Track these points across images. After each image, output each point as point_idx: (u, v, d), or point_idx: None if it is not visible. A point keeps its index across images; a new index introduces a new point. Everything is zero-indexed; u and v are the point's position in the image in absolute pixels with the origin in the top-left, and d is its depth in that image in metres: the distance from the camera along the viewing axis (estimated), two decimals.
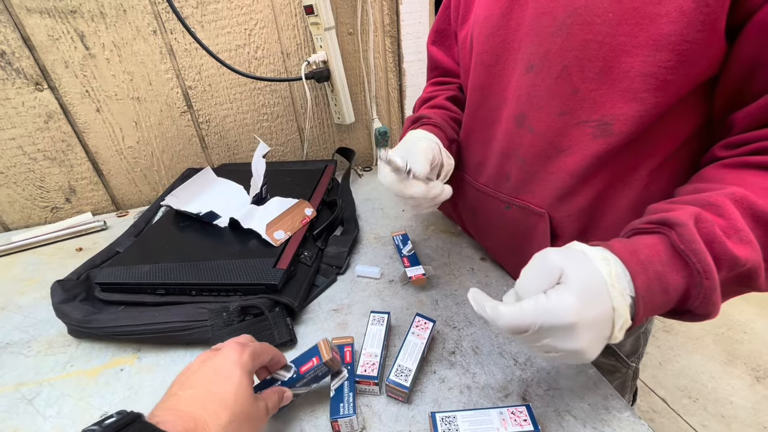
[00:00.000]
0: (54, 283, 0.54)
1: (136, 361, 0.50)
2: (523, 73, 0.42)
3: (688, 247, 0.31)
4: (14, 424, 0.43)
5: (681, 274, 0.31)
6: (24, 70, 0.70)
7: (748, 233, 0.31)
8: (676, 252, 0.31)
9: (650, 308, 0.31)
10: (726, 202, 0.32)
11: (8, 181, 0.78)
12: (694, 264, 0.31)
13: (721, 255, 0.31)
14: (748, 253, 0.31)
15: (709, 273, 0.30)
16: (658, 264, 0.31)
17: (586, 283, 0.30)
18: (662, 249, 0.32)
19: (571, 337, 0.29)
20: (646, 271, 0.31)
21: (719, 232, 0.31)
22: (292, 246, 0.58)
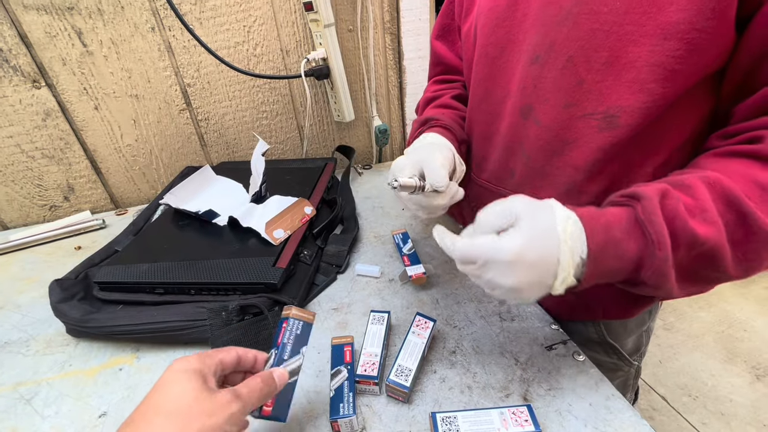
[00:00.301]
0: (52, 282, 0.54)
1: (135, 360, 0.49)
2: (528, 64, 0.42)
3: (647, 218, 0.32)
4: (12, 424, 0.43)
5: (637, 244, 0.33)
6: (21, 68, 0.69)
7: (713, 214, 0.32)
8: (637, 223, 0.33)
9: (601, 271, 0.33)
10: (698, 184, 0.33)
11: (6, 179, 0.77)
12: (650, 234, 0.32)
13: (680, 231, 0.32)
14: (710, 233, 0.32)
15: (662, 244, 0.32)
16: (617, 231, 0.33)
17: (539, 231, 0.33)
18: (625, 218, 0.33)
19: (509, 274, 0.32)
20: (603, 234, 0.33)
21: (682, 209, 0.32)
22: (292, 245, 0.57)
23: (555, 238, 0.32)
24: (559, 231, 0.32)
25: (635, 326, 0.54)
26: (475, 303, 0.53)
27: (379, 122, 0.92)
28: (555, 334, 0.48)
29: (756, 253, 0.33)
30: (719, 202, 0.32)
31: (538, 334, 0.48)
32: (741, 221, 0.32)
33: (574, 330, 0.51)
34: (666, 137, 0.39)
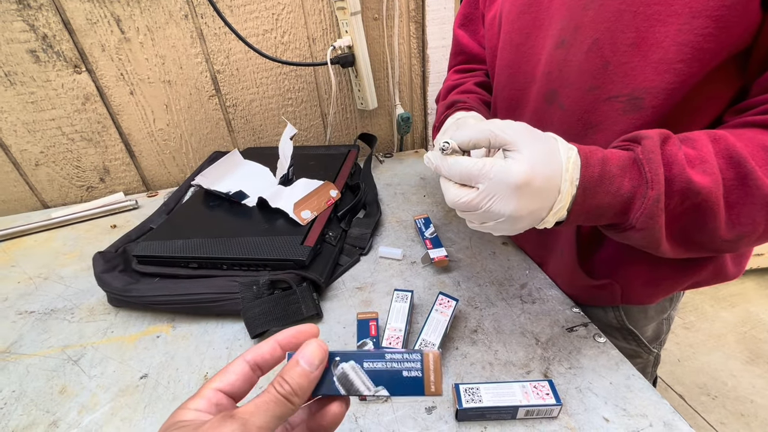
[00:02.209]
0: (95, 254, 0.57)
1: (171, 329, 0.52)
2: (554, 49, 0.42)
3: (645, 157, 0.33)
4: (62, 382, 0.46)
5: (631, 182, 0.33)
6: (64, 53, 0.73)
7: (713, 166, 0.32)
8: (634, 162, 0.33)
9: (591, 205, 0.33)
10: (702, 137, 0.34)
11: (48, 160, 0.81)
12: (645, 173, 0.32)
13: (676, 176, 0.32)
14: (706, 183, 0.32)
15: (655, 183, 0.32)
16: (614, 167, 0.33)
17: (545, 156, 0.32)
18: (624, 156, 0.34)
19: (513, 200, 0.32)
20: (599, 166, 0.33)
21: (682, 156, 0.32)
22: (318, 225, 0.59)
23: (559, 165, 0.32)
24: (563, 158, 0.33)
25: (655, 313, 0.54)
26: (496, 286, 0.54)
27: (401, 110, 0.93)
28: (576, 317, 0.49)
29: (750, 217, 0.33)
30: (721, 157, 0.33)
31: (558, 316, 0.49)
32: (740, 180, 0.32)
33: (594, 315, 0.51)
34: (691, 120, 0.39)
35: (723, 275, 0.45)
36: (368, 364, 0.24)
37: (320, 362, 0.24)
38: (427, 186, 0.81)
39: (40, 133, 0.79)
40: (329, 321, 0.51)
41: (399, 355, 0.24)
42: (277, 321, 0.48)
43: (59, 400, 0.44)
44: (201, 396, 0.23)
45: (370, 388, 0.24)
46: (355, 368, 0.24)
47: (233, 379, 0.24)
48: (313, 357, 0.24)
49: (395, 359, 0.24)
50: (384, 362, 0.24)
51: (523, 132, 0.33)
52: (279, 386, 0.23)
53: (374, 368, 0.24)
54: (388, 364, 0.24)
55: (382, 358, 0.24)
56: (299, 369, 0.23)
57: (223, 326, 0.52)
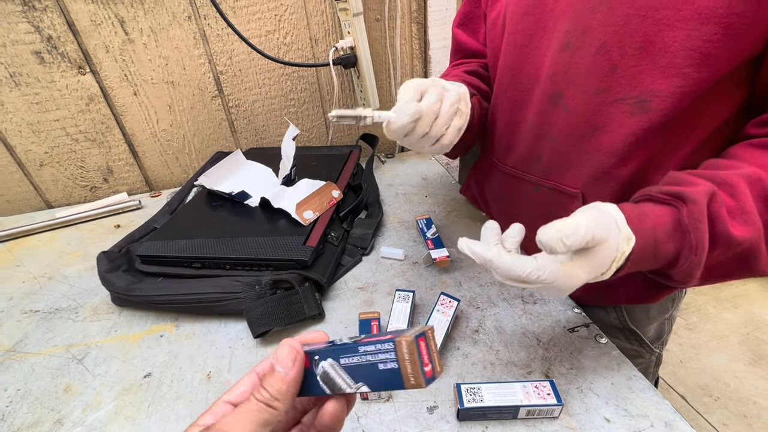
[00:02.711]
0: (100, 254, 0.57)
1: (175, 329, 0.53)
2: (559, 51, 0.42)
3: (692, 225, 0.33)
4: (67, 381, 0.47)
5: (676, 246, 0.34)
6: (68, 54, 0.73)
7: (754, 216, 0.33)
8: (680, 226, 0.34)
9: (636, 268, 0.35)
10: (740, 183, 0.34)
11: (52, 160, 0.82)
12: (691, 240, 0.33)
13: (719, 234, 0.33)
14: (748, 234, 0.33)
15: (700, 250, 0.33)
16: (661, 233, 0.34)
17: (603, 260, 0.32)
18: (669, 221, 0.34)
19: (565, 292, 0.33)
20: (648, 238, 0.33)
21: (725, 212, 0.33)
22: (320, 226, 0.60)
23: (611, 259, 0.33)
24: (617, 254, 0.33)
25: (657, 313, 0.54)
26: (497, 286, 0.55)
27: None
28: (577, 318, 0.49)
29: None
30: (759, 201, 0.33)
31: (560, 317, 0.49)
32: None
33: (596, 316, 0.52)
34: (698, 123, 0.39)
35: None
36: (344, 360, 0.22)
37: (294, 362, 0.23)
38: (429, 186, 0.81)
39: (45, 134, 0.79)
40: (331, 321, 0.52)
41: (372, 347, 0.22)
42: (279, 321, 0.49)
43: (64, 398, 0.44)
44: (210, 411, 0.24)
45: (351, 385, 0.22)
46: (333, 365, 0.23)
47: (243, 390, 0.24)
48: (285, 359, 0.23)
49: (369, 351, 0.22)
50: (359, 356, 0.22)
51: (599, 232, 0.32)
52: (258, 393, 0.22)
53: (351, 363, 0.22)
54: (363, 357, 0.22)
55: (356, 352, 0.22)
56: (276, 374, 0.23)
57: (225, 326, 0.52)
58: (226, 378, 0.45)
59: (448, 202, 0.75)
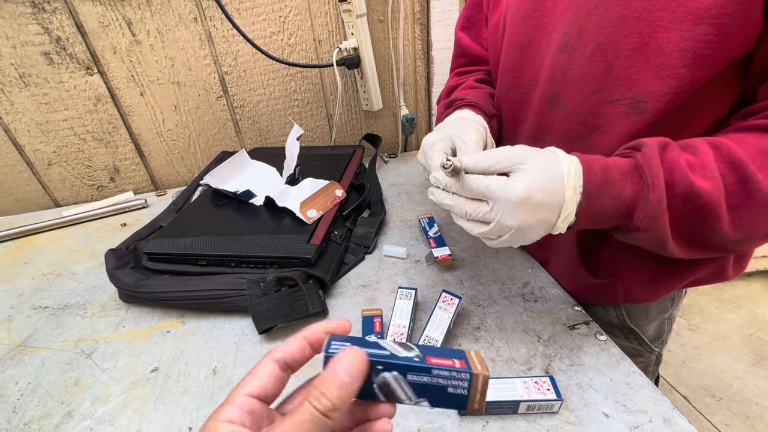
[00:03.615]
0: (107, 252, 0.59)
1: (181, 325, 0.54)
2: (557, 52, 0.43)
3: (645, 162, 0.34)
4: (76, 375, 0.48)
5: (632, 186, 0.35)
6: (77, 56, 0.75)
7: (714, 171, 0.34)
8: (635, 168, 0.35)
9: (596, 210, 0.35)
10: (702, 144, 0.35)
11: (60, 160, 0.83)
12: (646, 177, 0.34)
13: (678, 180, 0.34)
14: (707, 186, 0.33)
15: (656, 186, 0.34)
16: (616, 172, 0.35)
17: (544, 173, 0.35)
18: (625, 163, 0.36)
19: (517, 214, 0.34)
20: (601, 174, 0.35)
21: (683, 161, 0.34)
22: (324, 224, 0.60)
23: (560, 177, 0.35)
24: (564, 171, 0.35)
25: (657, 312, 0.54)
26: (499, 284, 0.55)
27: (406, 111, 0.94)
28: (578, 315, 0.49)
29: (752, 219, 0.34)
30: (721, 162, 0.34)
31: (560, 314, 0.50)
32: (741, 184, 0.33)
33: (595, 314, 0.52)
34: (692, 123, 0.40)
35: (723, 275, 0.46)
36: (412, 377, 0.23)
37: (361, 374, 0.21)
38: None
39: (53, 134, 0.80)
40: (334, 317, 0.52)
41: (447, 372, 0.23)
42: (283, 317, 0.50)
43: (73, 391, 0.46)
44: (232, 404, 0.22)
45: (412, 398, 0.23)
46: (398, 379, 0.23)
47: (264, 382, 0.23)
48: (354, 368, 0.21)
49: (442, 375, 0.23)
50: (430, 377, 0.23)
51: (522, 153, 0.36)
52: (317, 401, 0.20)
53: (419, 381, 0.23)
54: (434, 379, 0.23)
55: (428, 373, 0.23)
56: (338, 381, 0.20)
57: (230, 322, 0.53)
58: (231, 373, 0.46)
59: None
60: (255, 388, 0.22)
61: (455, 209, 0.39)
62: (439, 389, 0.23)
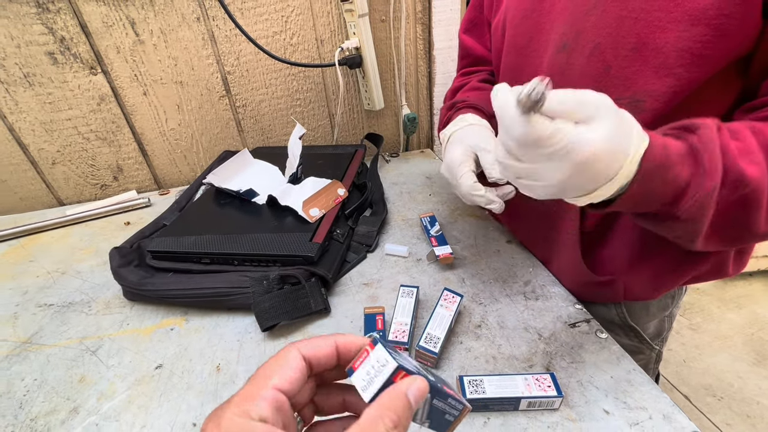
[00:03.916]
0: (112, 250, 0.59)
1: (185, 323, 0.54)
2: (556, 52, 0.43)
3: (703, 146, 0.31)
4: (81, 372, 0.48)
5: (689, 171, 0.31)
6: (81, 55, 0.75)
7: (759, 157, 0.32)
8: (692, 151, 0.32)
9: (644, 192, 0.31)
10: (743, 129, 0.33)
11: (64, 159, 0.84)
12: (704, 163, 0.31)
13: (729, 167, 0.31)
14: (756, 173, 0.31)
15: (713, 174, 0.31)
16: (674, 154, 0.31)
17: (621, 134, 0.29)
18: (681, 145, 0.32)
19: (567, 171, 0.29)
20: (662, 151, 0.30)
21: (734, 147, 0.32)
22: (326, 223, 0.61)
23: (627, 146, 0.29)
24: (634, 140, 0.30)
25: (657, 310, 0.55)
26: (500, 283, 0.56)
27: (407, 111, 0.94)
28: (578, 313, 0.50)
29: None
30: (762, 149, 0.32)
31: (561, 312, 0.50)
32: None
33: (596, 312, 0.52)
34: None
35: (723, 271, 0.46)
36: (437, 401, 0.23)
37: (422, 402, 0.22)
38: (433, 185, 0.82)
39: (57, 133, 0.81)
40: (337, 315, 0.53)
41: (454, 401, 0.24)
42: (286, 315, 0.50)
43: (79, 388, 0.46)
44: (262, 398, 0.20)
45: (423, 418, 0.24)
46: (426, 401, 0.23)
47: (293, 376, 0.21)
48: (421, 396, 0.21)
49: (450, 403, 0.24)
50: (445, 403, 0.24)
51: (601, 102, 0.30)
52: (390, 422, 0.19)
53: (436, 405, 0.23)
54: (446, 405, 0.24)
55: (446, 398, 0.24)
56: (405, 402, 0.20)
57: (234, 320, 0.54)
58: (235, 370, 0.47)
59: (451, 201, 0.76)
60: (285, 381, 0.21)
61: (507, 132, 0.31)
62: (441, 414, 0.24)
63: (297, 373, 0.21)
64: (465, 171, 0.44)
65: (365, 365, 0.22)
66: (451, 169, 0.47)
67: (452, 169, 0.46)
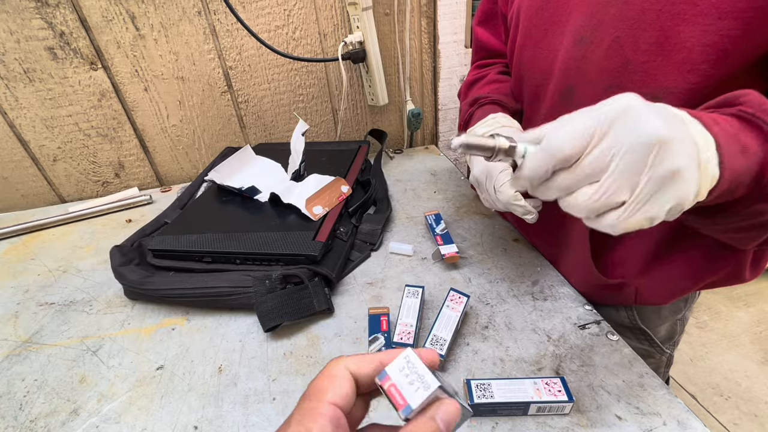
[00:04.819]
0: (113, 248, 0.58)
1: (186, 322, 0.53)
2: (572, 45, 0.42)
3: (758, 110, 0.28)
4: (82, 372, 0.47)
5: (756, 140, 0.28)
6: (81, 50, 0.74)
7: None
8: (744, 120, 0.28)
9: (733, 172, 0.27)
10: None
11: (65, 156, 0.83)
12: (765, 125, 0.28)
13: None
14: None
15: None
16: (731, 127, 0.28)
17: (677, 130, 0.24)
18: (730, 119, 0.28)
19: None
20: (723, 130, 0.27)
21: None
22: (330, 221, 0.60)
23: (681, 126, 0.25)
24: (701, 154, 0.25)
25: (669, 314, 0.53)
26: (507, 282, 0.54)
27: (412, 106, 0.93)
28: (588, 314, 0.48)
29: None
30: None
31: (571, 313, 0.49)
32: None
33: (606, 314, 0.51)
34: None
35: (740, 277, 0.44)
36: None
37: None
38: (438, 182, 0.81)
39: (58, 129, 0.80)
40: (340, 315, 0.52)
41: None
42: (289, 315, 0.49)
43: (79, 389, 0.45)
44: (321, 414, 0.19)
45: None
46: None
47: (346, 392, 0.21)
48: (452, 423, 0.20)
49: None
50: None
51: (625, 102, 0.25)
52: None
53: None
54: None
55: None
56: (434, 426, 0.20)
57: (236, 319, 0.53)
58: (237, 371, 0.46)
59: (457, 198, 0.74)
60: (338, 396, 0.20)
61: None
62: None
63: (348, 388, 0.21)
64: (506, 179, 0.42)
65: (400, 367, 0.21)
66: (490, 175, 0.44)
67: (492, 176, 0.43)
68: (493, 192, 0.44)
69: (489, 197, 0.45)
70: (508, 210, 0.44)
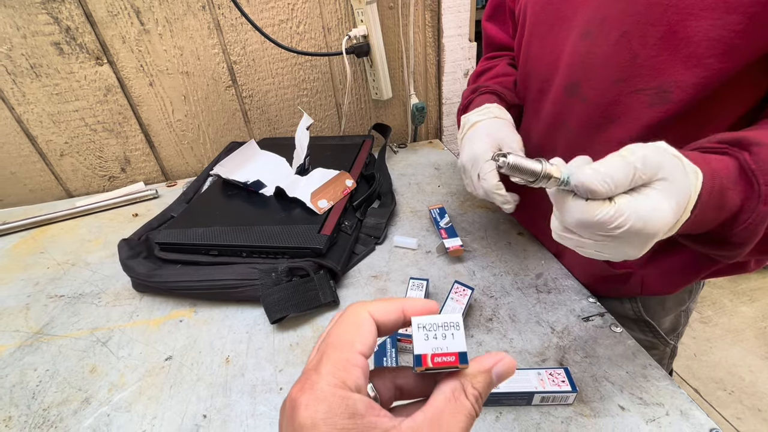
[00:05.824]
0: (120, 241, 0.59)
1: (193, 314, 0.54)
2: (578, 40, 0.41)
3: (759, 168, 0.30)
4: (92, 362, 0.48)
5: (741, 196, 0.31)
6: (86, 46, 0.74)
7: None
8: (744, 172, 0.31)
9: (699, 221, 0.31)
10: None
11: (72, 150, 0.84)
12: (759, 186, 0.30)
13: None
14: None
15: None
16: (725, 179, 0.30)
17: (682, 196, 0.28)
18: (732, 167, 0.31)
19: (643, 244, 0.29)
20: (711, 180, 0.29)
21: None
22: (335, 214, 0.60)
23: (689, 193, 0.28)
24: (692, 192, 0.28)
25: (674, 305, 0.53)
26: (511, 275, 0.55)
27: (416, 100, 0.92)
28: (592, 307, 0.49)
29: None
30: None
31: (575, 306, 0.49)
32: None
33: (610, 307, 0.51)
34: (719, 113, 0.38)
35: (744, 267, 0.44)
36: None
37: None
38: (442, 176, 0.81)
39: (65, 124, 0.81)
40: None
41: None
42: (295, 307, 0.50)
43: (90, 378, 0.46)
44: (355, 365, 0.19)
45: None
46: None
47: (372, 342, 0.20)
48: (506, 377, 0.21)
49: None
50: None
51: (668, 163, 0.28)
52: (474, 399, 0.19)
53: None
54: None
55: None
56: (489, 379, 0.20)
57: (242, 311, 0.53)
58: (244, 362, 0.47)
59: (461, 192, 0.75)
60: (366, 347, 0.20)
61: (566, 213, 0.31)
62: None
63: (373, 337, 0.20)
64: (491, 168, 0.44)
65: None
66: (476, 162, 0.46)
67: (478, 163, 0.45)
68: (476, 179, 0.46)
69: (472, 183, 0.47)
70: (488, 198, 0.46)
